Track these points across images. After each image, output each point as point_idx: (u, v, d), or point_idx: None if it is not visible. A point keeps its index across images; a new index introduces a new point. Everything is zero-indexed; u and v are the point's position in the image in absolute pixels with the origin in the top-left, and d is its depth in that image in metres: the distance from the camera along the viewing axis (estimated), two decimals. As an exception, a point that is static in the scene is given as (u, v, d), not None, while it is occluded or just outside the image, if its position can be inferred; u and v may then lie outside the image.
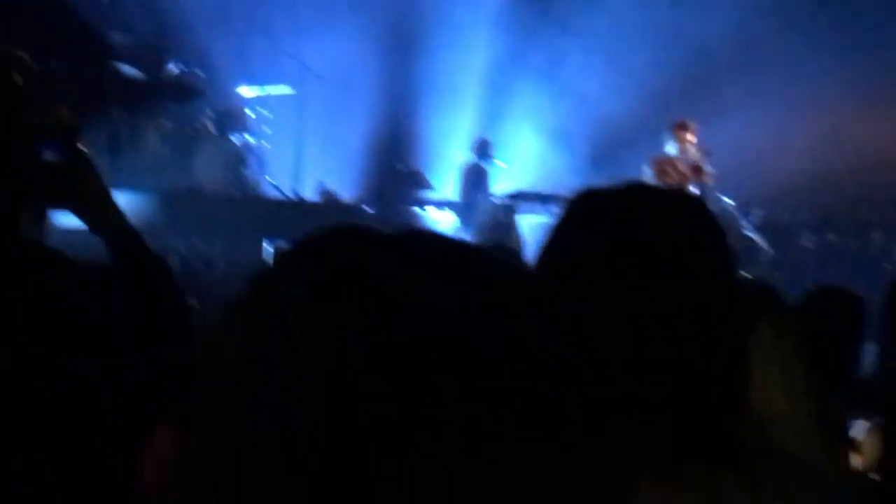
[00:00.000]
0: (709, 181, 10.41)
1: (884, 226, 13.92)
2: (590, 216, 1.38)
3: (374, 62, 14.36)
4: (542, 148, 15.26)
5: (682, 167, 10.39)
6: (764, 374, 1.64)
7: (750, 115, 13.67)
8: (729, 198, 11.61)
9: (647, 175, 9.95)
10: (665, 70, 14.15)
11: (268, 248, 10.35)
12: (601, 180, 1.45)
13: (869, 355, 3.42)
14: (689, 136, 10.53)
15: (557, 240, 1.38)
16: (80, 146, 2.11)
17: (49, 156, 2.07)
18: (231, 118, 11.58)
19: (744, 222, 12.28)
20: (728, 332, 1.32)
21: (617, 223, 1.34)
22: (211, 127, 11.38)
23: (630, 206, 1.37)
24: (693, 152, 10.52)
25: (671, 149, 10.53)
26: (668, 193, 1.44)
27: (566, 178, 13.77)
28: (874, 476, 2.71)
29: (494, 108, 15.26)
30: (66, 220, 2.12)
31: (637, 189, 1.42)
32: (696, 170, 10.39)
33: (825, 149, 13.84)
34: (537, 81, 15.42)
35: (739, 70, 14.36)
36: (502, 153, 13.67)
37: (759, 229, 12.59)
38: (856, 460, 2.86)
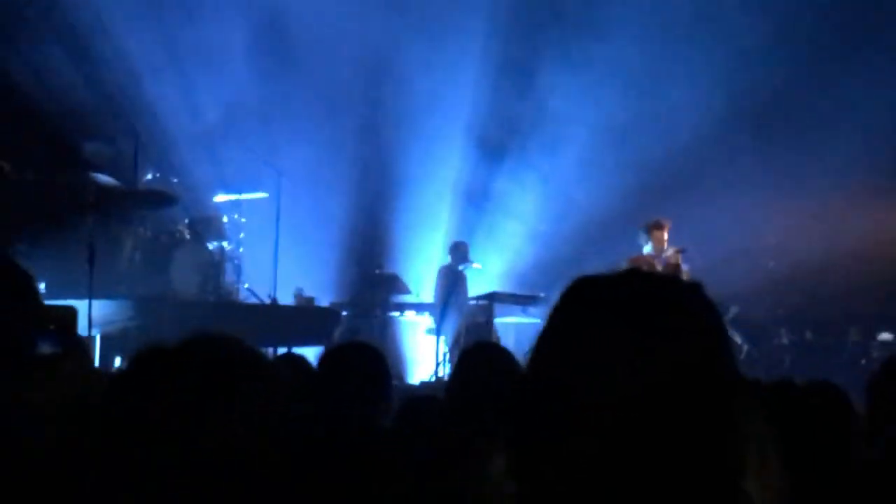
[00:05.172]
0: (685, 278, 10.41)
1: (861, 323, 13.88)
2: (589, 300, 1.37)
3: (349, 167, 14.48)
4: (518, 249, 15.32)
5: (658, 265, 10.47)
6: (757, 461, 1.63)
7: (724, 211, 13.74)
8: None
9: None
10: (642, 167, 14.25)
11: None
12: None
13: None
14: (664, 235, 10.64)
15: (557, 324, 1.37)
16: (76, 335, 2.07)
17: (46, 347, 2.00)
18: (207, 225, 11.59)
19: (720, 319, 12.26)
20: (731, 415, 1.32)
21: (616, 305, 1.33)
22: (187, 234, 11.38)
23: (627, 289, 1.36)
24: (668, 250, 10.62)
25: (647, 247, 10.65)
26: (663, 277, 1.41)
27: (543, 279, 13.78)
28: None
29: (470, 211, 15.36)
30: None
31: (634, 273, 1.40)
32: (673, 268, 10.46)
33: (799, 246, 13.86)
34: (513, 182, 15.54)
35: (715, 166, 14.42)
36: (478, 255, 13.72)
37: (736, 326, 12.59)
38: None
